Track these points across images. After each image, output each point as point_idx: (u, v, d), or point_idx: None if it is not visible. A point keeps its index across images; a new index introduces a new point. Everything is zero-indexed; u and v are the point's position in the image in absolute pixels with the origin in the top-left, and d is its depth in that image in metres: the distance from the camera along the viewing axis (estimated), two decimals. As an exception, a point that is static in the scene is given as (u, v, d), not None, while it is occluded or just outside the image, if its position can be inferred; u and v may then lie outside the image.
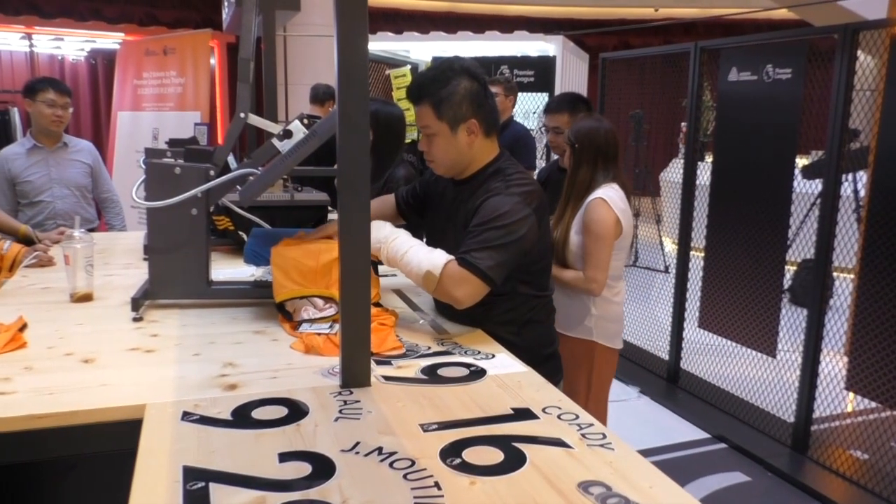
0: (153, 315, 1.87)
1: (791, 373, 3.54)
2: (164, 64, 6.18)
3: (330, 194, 2.52)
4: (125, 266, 2.48)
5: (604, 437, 1.22)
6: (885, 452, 3.08)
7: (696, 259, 4.17)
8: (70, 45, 7.86)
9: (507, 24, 9.86)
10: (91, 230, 3.48)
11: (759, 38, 3.88)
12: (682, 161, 4.28)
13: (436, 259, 1.72)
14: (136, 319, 1.82)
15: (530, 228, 1.75)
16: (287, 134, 1.82)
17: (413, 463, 1.11)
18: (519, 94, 5.77)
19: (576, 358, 2.52)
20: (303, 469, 1.08)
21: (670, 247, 2.48)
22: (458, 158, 1.84)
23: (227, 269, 2.29)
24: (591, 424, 1.26)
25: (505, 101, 4.12)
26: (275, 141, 1.84)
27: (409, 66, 6.28)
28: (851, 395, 3.51)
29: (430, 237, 2.09)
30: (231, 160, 2.09)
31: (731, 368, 4.00)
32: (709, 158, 4.23)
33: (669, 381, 4.30)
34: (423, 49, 7.06)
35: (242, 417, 1.27)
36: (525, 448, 1.16)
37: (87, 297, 2.00)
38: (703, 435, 3.65)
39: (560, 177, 3.00)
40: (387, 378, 1.47)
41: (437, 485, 1.04)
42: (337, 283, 1.75)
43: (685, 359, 4.30)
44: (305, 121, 1.80)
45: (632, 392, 4.23)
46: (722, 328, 3.86)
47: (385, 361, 1.57)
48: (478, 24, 9.91)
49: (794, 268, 5.23)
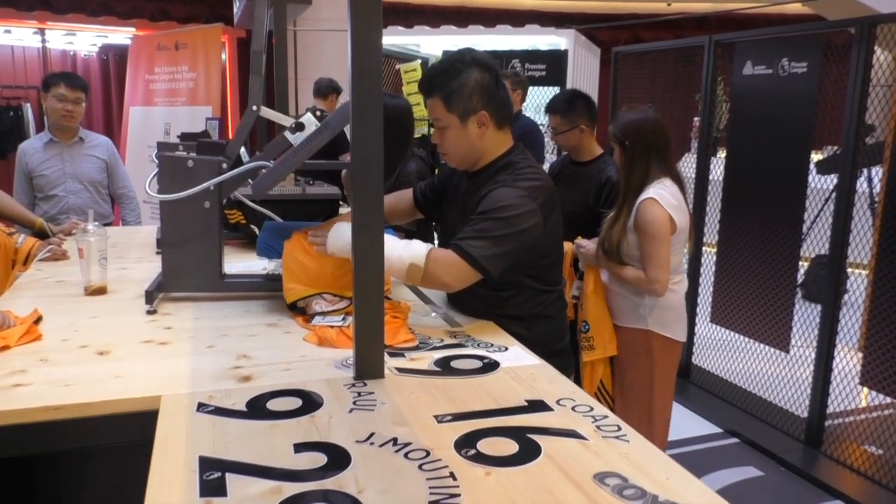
0: (167, 308, 1.88)
1: (804, 368, 3.51)
2: (176, 59, 6.20)
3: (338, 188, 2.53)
4: (138, 260, 2.49)
5: (619, 428, 1.21)
6: (899, 448, 3.06)
7: (709, 255, 4.15)
8: (82, 40, 7.89)
9: (518, 18, 9.82)
10: (106, 225, 3.50)
11: (775, 31, 3.85)
12: (694, 156, 4.25)
13: (416, 250, 1.69)
14: (149, 312, 1.83)
15: (534, 223, 1.73)
16: (299, 126, 1.83)
17: (428, 454, 1.11)
18: (530, 89, 5.76)
19: (634, 350, 2.51)
20: (318, 459, 1.08)
21: (684, 249, 2.48)
22: (470, 151, 1.83)
23: (240, 263, 2.29)
24: (605, 416, 1.26)
25: (513, 95, 4.10)
26: (287, 134, 1.84)
27: (419, 61, 6.27)
28: (866, 390, 3.49)
29: (442, 230, 2.09)
30: (243, 153, 2.09)
31: (743, 364, 3.98)
32: (721, 154, 4.20)
33: (681, 377, 4.28)
34: (433, 43, 7.04)
35: (257, 409, 1.27)
36: (540, 439, 1.16)
37: (101, 291, 2.01)
38: (716, 430, 3.63)
39: (572, 170, 3.00)
40: (400, 370, 1.47)
41: (452, 475, 1.04)
42: (346, 286, 1.77)
43: (696, 354, 4.28)
44: (318, 113, 1.80)
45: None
46: (734, 323, 3.84)
47: (398, 353, 1.57)
48: (489, 17, 9.88)
49: (808, 263, 5.20)
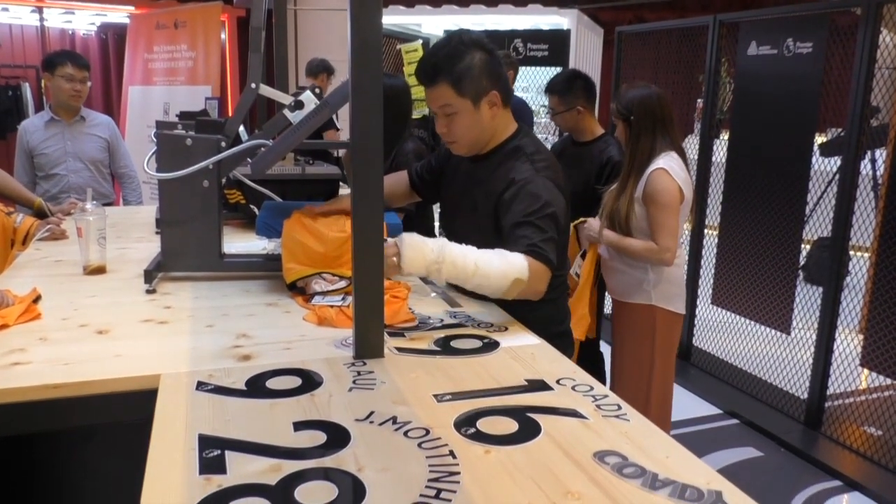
0: (166, 287, 1.87)
1: (805, 350, 3.52)
2: (175, 38, 6.15)
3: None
4: (138, 239, 2.48)
5: (619, 408, 1.21)
6: (899, 429, 3.07)
7: (710, 237, 4.13)
8: (80, 18, 7.82)
9: (520, -3, 9.72)
10: (107, 205, 3.50)
11: (780, 11, 3.80)
12: (697, 138, 4.23)
13: (516, 262, 1.60)
14: (149, 291, 1.82)
15: (566, 214, 1.76)
16: (298, 105, 1.81)
17: (428, 432, 1.10)
18: (532, 69, 5.72)
19: (637, 325, 2.53)
20: (318, 438, 1.08)
21: (685, 224, 2.47)
22: (481, 134, 1.80)
23: (239, 243, 2.28)
24: (605, 396, 1.26)
25: None
26: (286, 112, 1.83)
27: (420, 41, 6.22)
28: (866, 371, 3.49)
29: (442, 212, 2.07)
30: (242, 132, 2.08)
31: (744, 346, 3.98)
32: (724, 136, 4.17)
33: (681, 358, 4.28)
34: (434, 23, 6.98)
35: (256, 387, 1.27)
36: (540, 418, 1.16)
37: (100, 270, 2.01)
38: (715, 411, 3.64)
39: (573, 151, 2.98)
40: (400, 349, 1.47)
41: (451, 453, 1.04)
42: (346, 265, 1.76)
43: (697, 336, 4.28)
44: (317, 91, 1.78)
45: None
46: (736, 305, 3.84)
47: (398, 333, 1.56)
48: (491, -3, 9.78)
49: (809, 246, 5.19)
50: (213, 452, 1.03)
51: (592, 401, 1.24)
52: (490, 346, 1.51)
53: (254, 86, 1.87)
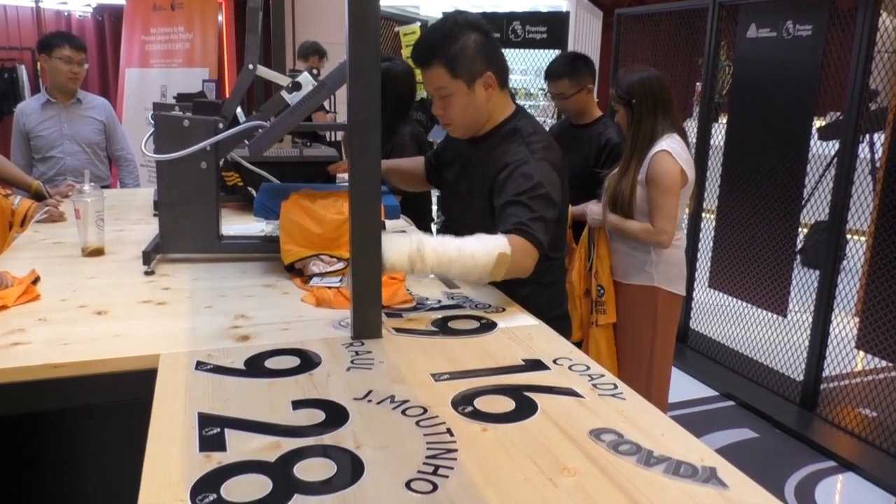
0: (164, 269, 1.88)
1: (801, 333, 3.53)
2: (172, 19, 6.11)
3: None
4: (136, 222, 2.48)
5: (615, 387, 1.22)
6: (894, 410, 3.09)
7: (708, 220, 4.14)
8: (76, 0, 7.77)
9: (519, -20, 9.65)
10: (104, 188, 3.49)
11: (779, -8, 3.78)
12: (695, 122, 4.22)
13: (499, 239, 1.59)
14: (147, 273, 1.83)
15: (560, 192, 1.74)
16: (296, 86, 1.81)
17: (425, 410, 1.11)
18: (531, 51, 5.69)
19: (638, 306, 2.55)
20: (316, 416, 1.09)
21: (685, 206, 2.49)
22: (477, 116, 1.79)
23: (237, 226, 2.29)
24: (602, 375, 1.27)
25: None
26: (283, 93, 1.82)
27: (418, 24, 6.19)
28: (861, 353, 3.51)
29: (442, 196, 2.07)
30: (240, 114, 2.07)
31: (740, 329, 4.00)
32: (723, 119, 4.17)
33: (678, 341, 4.29)
34: (433, 5, 6.94)
35: (255, 367, 1.28)
36: (536, 397, 1.17)
37: (98, 252, 2.01)
38: (712, 393, 3.67)
39: (572, 133, 2.98)
40: (398, 330, 1.47)
41: (449, 431, 1.05)
42: (344, 246, 1.76)
43: (694, 319, 4.30)
44: (314, 72, 1.78)
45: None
46: (733, 288, 3.85)
47: (395, 314, 1.57)
48: (489, -22, 9.71)
49: (806, 230, 5.19)
50: (212, 430, 1.04)
51: (589, 380, 1.25)
52: (488, 326, 1.51)
53: (251, 67, 1.86)
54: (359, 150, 1.37)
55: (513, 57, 5.78)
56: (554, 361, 1.33)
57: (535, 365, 1.31)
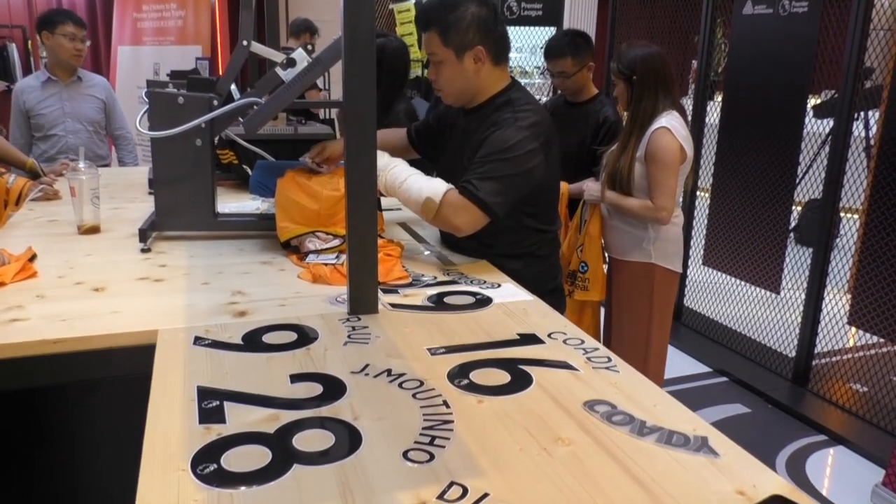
0: (160, 246, 1.88)
1: (794, 310, 3.56)
2: (164, -4, 6.05)
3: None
4: (130, 200, 2.48)
5: (609, 360, 1.23)
6: (884, 385, 3.13)
7: (702, 199, 4.15)
8: (66, -23, 7.67)
9: (513, -43, 9.56)
10: (103, 167, 3.48)
11: (775, -32, 3.76)
12: (691, 99, 4.21)
13: (436, 186, 1.72)
14: (143, 250, 1.83)
15: (538, 163, 1.74)
16: (290, 63, 1.80)
17: (422, 383, 1.13)
18: (526, 28, 5.65)
19: (636, 283, 2.56)
20: (314, 389, 1.11)
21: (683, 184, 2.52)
22: (465, 87, 1.81)
23: (232, 203, 2.29)
24: (596, 349, 1.28)
25: None
26: (278, 70, 1.82)
27: (412, 1, 6.14)
28: (853, 330, 3.55)
29: (439, 170, 2.08)
30: (234, 91, 2.06)
31: (734, 306, 4.03)
32: (718, 97, 4.16)
33: (673, 318, 4.33)
34: (427, -18, 6.86)
35: (253, 342, 1.29)
36: (531, 370, 1.18)
37: (94, 230, 2.01)
38: (705, 369, 3.70)
39: (567, 111, 2.97)
40: (394, 305, 1.49)
41: (445, 403, 1.07)
42: (340, 223, 1.77)
43: (688, 296, 4.33)
44: (309, 48, 1.77)
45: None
46: (727, 266, 3.87)
47: (392, 290, 1.58)
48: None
49: (800, 208, 5.21)
50: (211, 403, 1.06)
51: (583, 353, 1.26)
52: (483, 302, 1.53)
53: (245, 43, 1.85)
54: (354, 127, 1.37)
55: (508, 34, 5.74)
56: (549, 335, 1.34)
57: (529, 339, 1.33)
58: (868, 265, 3.10)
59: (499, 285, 1.64)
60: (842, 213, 3.58)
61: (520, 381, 1.15)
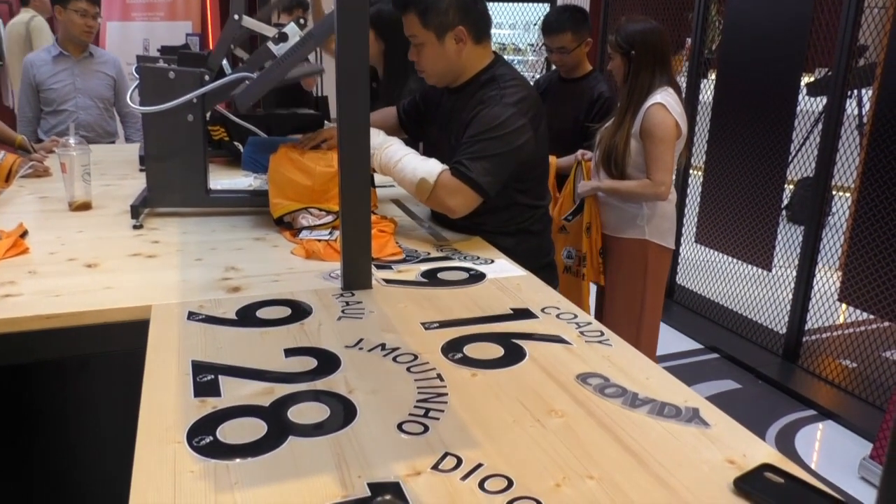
0: (153, 223, 1.88)
1: (785, 287, 3.59)
2: (153, -29, 5.97)
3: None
4: (122, 176, 2.47)
5: (602, 334, 1.24)
6: (872, 361, 3.16)
7: (695, 177, 4.15)
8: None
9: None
10: (111, 143, 3.46)
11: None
12: (685, 78, 4.20)
13: (430, 167, 1.71)
14: (136, 227, 1.82)
15: (527, 139, 1.73)
16: (282, 37, 1.78)
17: (416, 357, 1.14)
18: (519, 5, 5.61)
19: (629, 260, 2.57)
20: (308, 363, 1.11)
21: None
22: (448, 68, 1.79)
23: (225, 180, 2.27)
24: (589, 323, 1.29)
25: None
26: (270, 45, 1.80)
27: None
28: (844, 306, 3.58)
29: (425, 149, 2.07)
30: (225, 66, 2.05)
31: (726, 284, 4.05)
32: (712, 75, 4.15)
33: (665, 296, 4.35)
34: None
35: (247, 317, 1.29)
36: (524, 344, 1.19)
37: (85, 206, 2.00)
38: (697, 345, 3.73)
39: (561, 87, 2.96)
40: (387, 281, 1.49)
41: (439, 376, 1.07)
42: (333, 199, 1.76)
43: (681, 274, 4.35)
44: (301, 22, 1.75)
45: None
46: (719, 243, 3.89)
47: (385, 266, 1.58)
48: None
49: (793, 186, 5.23)
50: (206, 377, 1.06)
51: (576, 328, 1.27)
52: (476, 277, 1.53)
53: (237, 17, 1.84)
54: (348, 102, 1.36)
55: (500, 11, 5.71)
56: (542, 310, 1.35)
57: (523, 313, 1.33)
58: (859, 243, 3.11)
59: (492, 261, 1.65)
60: (834, 192, 3.59)
61: (513, 355, 1.15)
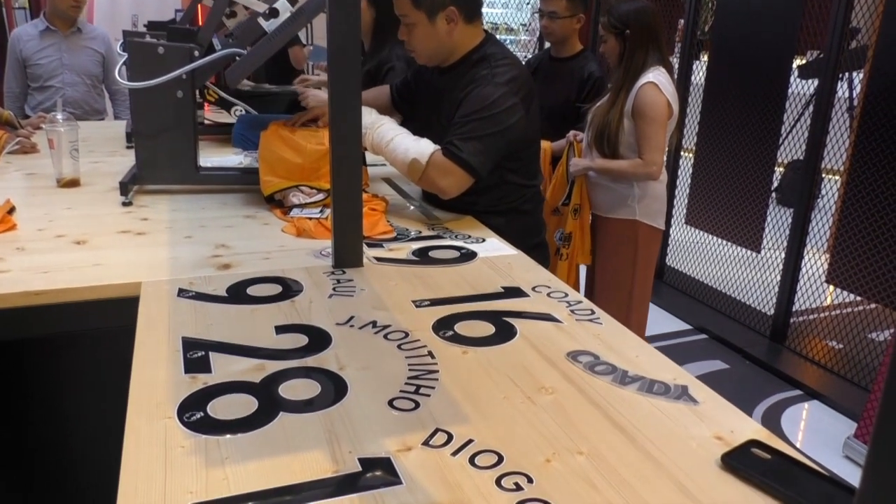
0: (142, 200, 1.86)
1: (773, 269, 3.61)
2: (140, -56, 5.87)
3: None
4: (110, 153, 2.45)
5: (592, 312, 1.25)
6: (858, 342, 3.20)
7: (686, 159, 4.16)
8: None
9: None
10: (100, 121, 3.42)
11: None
12: (677, 59, 4.18)
13: (423, 147, 1.70)
14: (125, 204, 1.81)
15: (519, 119, 1.72)
16: (273, 13, 1.76)
17: (407, 335, 1.14)
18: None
19: (619, 240, 2.58)
20: (299, 340, 1.11)
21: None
22: (439, 48, 1.78)
23: (215, 158, 2.26)
24: (579, 301, 1.29)
25: None
26: (260, 20, 1.78)
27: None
28: (831, 288, 3.61)
29: (416, 129, 2.06)
30: (215, 42, 2.02)
31: (715, 265, 4.08)
32: (704, 57, 4.14)
33: (655, 277, 4.37)
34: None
35: (237, 294, 1.29)
36: (515, 322, 1.20)
37: (73, 183, 1.98)
38: (685, 326, 3.76)
39: (552, 66, 2.94)
40: (379, 259, 1.49)
41: (430, 354, 1.08)
42: (324, 177, 1.75)
43: (671, 255, 4.37)
44: (292, -3, 1.73)
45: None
46: (709, 225, 3.91)
47: (376, 244, 1.58)
48: None
49: (783, 169, 5.25)
50: (197, 353, 1.06)
51: (567, 306, 1.28)
52: (467, 256, 1.53)
53: (226, -8, 1.81)
54: (339, 79, 1.35)
55: (494, -11, 5.65)
56: (533, 289, 1.35)
57: (514, 292, 1.34)
58: (847, 225, 3.13)
59: (483, 240, 1.65)
60: (823, 174, 3.61)
61: (504, 333, 1.16)
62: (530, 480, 0.79)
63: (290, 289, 1.32)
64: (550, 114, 2.68)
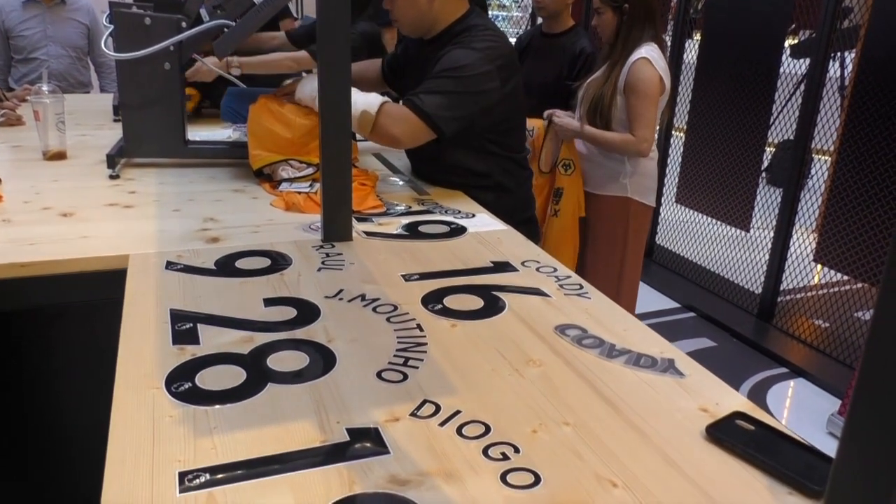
0: (130, 173, 1.85)
1: (762, 248, 3.63)
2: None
3: None
4: (97, 127, 2.42)
5: (581, 287, 1.25)
6: (845, 321, 3.23)
7: (677, 138, 4.15)
8: None
9: None
10: (85, 94, 3.38)
11: None
12: (669, 38, 4.16)
13: (370, 99, 1.67)
14: (112, 177, 1.79)
15: (492, 87, 1.70)
16: (262, -16, 1.73)
17: (396, 308, 1.14)
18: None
19: (610, 217, 2.58)
20: (288, 312, 1.11)
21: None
22: (420, 17, 1.77)
23: (203, 131, 2.24)
24: (568, 276, 1.30)
25: None
26: (249, -9, 1.75)
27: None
28: (819, 267, 3.63)
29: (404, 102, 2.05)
30: (203, 14, 1.99)
31: (704, 244, 4.09)
32: (696, 36, 4.12)
33: (644, 255, 4.39)
34: None
35: (226, 267, 1.28)
36: (504, 296, 1.20)
37: (60, 156, 1.96)
38: (674, 304, 3.78)
39: (542, 42, 2.92)
40: (368, 234, 1.48)
41: (419, 327, 1.08)
42: (313, 151, 1.74)
43: (660, 234, 4.38)
44: (281, -32, 1.71)
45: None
46: (699, 204, 3.92)
47: (366, 218, 1.58)
48: None
49: (773, 149, 5.25)
50: (185, 325, 1.06)
51: (556, 281, 1.28)
52: (457, 231, 1.53)
53: (214, -38, 1.78)
54: (328, 53, 1.34)
55: (486, -35, 5.58)
56: (522, 263, 1.35)
57: (503, 266, 1.34)
58: (836, 205, 3.15)
59: (473, 215, 1.65)
60: (813, 155, 3.61)
61: (493, 307, 1.16)
62: (517, 450, 0.79)
63: (278, 262, 1.31)
64: (543, 90, 2.67)
